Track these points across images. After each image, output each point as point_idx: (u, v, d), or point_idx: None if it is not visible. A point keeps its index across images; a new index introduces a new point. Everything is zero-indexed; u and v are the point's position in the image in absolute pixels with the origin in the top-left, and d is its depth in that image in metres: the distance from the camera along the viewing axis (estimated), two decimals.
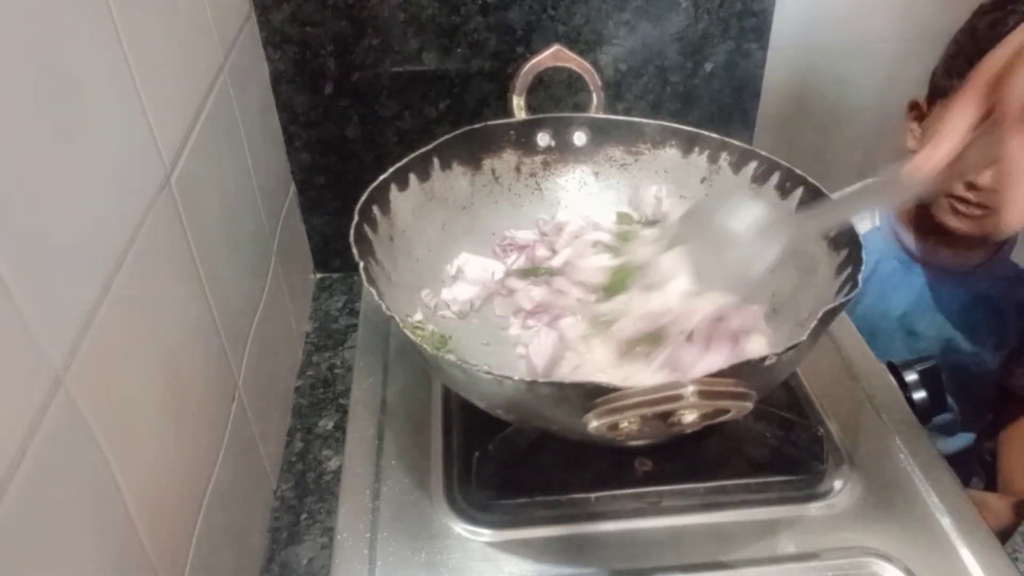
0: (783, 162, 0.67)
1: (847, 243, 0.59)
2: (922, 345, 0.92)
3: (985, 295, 0.91)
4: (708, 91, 0.93)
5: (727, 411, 0.45)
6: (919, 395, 0.70)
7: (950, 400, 0.81)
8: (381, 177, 0.65)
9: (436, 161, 0.69)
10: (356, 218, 0.60)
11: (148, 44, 0.52)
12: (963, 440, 0.97)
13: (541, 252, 0.71)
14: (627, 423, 0.44)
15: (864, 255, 0.57)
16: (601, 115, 0.74)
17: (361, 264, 0.57)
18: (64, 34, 0.42)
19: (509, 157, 0.74)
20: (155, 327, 0.51)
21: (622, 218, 0.74)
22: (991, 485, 0.98)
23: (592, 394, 0.45)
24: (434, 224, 0.70)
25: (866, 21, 0.99)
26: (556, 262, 0.69)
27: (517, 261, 0.71)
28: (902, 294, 0.92)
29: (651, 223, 0.72)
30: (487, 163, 0.73)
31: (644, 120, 0.73)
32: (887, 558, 0.54)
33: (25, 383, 0.36)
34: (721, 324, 0.60)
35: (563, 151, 0.75)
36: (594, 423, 0.44)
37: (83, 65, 0.44)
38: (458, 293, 0.68)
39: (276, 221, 0.84)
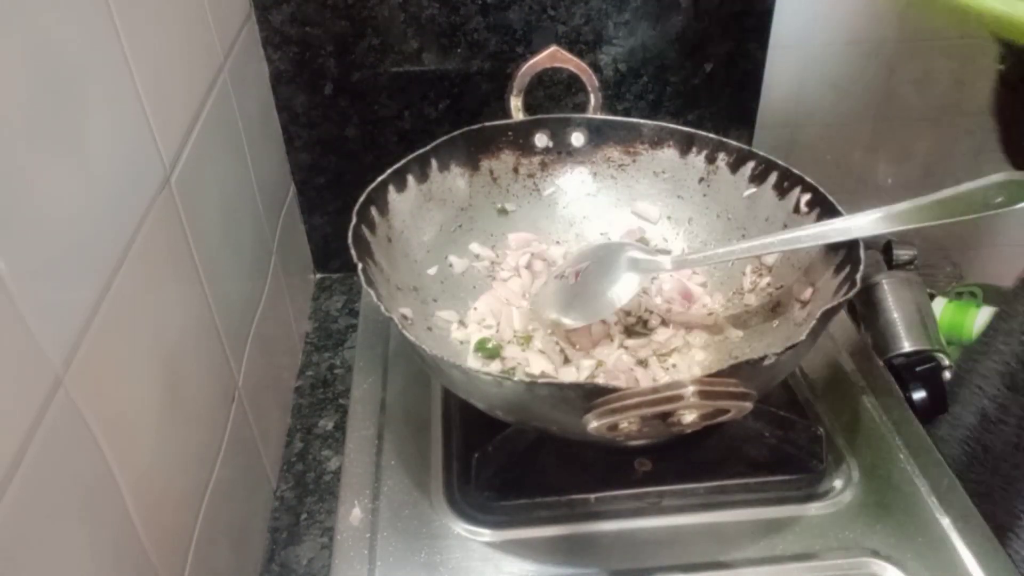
0: (781, 162, 0.67)
1: (845, 243, 0.59)
2: None
3: None
4: (708, 91, 0.93)
5: (727, 411, 0.45)
6: (919, 395, 0.70)
7: None
8: (379, 178, 0.65)
9: (434, 162, 0.69)
10: (354, 219, 0.60)
11: (148, 44, 0.52)
12: None
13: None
14: (627, 423, 0.44)
15: (862, 254, 0.57)
16: (599, 116, 0.74)
17: (360, 266, 0.57)
18: (64, 34, 0.42)
19: (507, 158, 0.74)
20: (155, 327, 0.51)
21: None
22: None
23: (592, 394, 0.45)
24: (432, 225, 0.70)
25: (866, 21, 0.99)
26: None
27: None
28: None
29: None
30: (485, 164, 0.73)
31: (641, 120, 0.73)
32: (887, 558, 0.54)
33: (25, 383, 0.36)
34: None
35: (561, 152, 0.75)
36: (594, 423, 0.45)
37: (83, 65, 0.44)
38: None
39: (276, 221, 0.84)
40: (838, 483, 0.59)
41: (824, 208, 0.63)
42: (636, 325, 0.68)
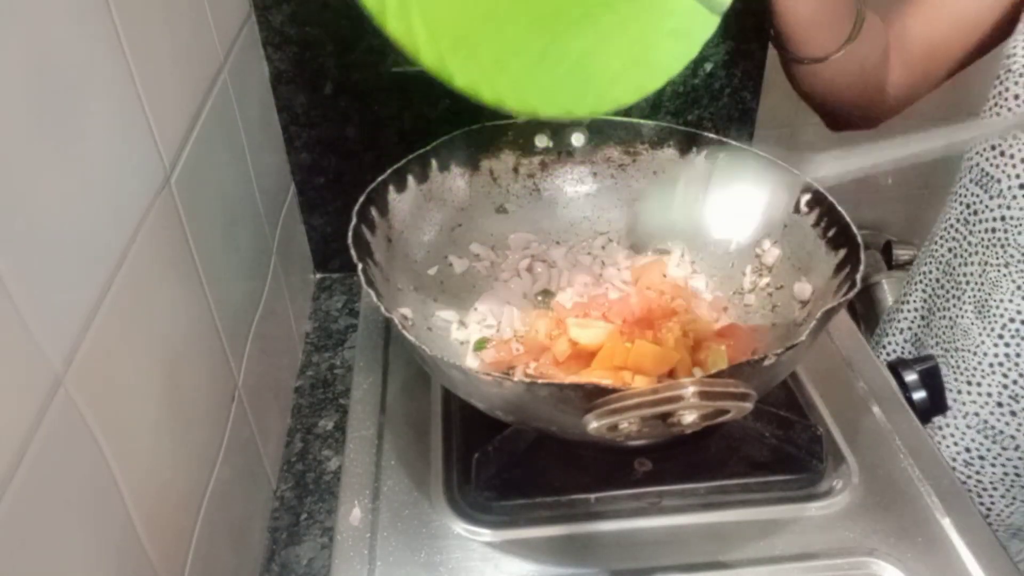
0: (781, 162, 0.67)
1: (845, 243, 0.59)
2: None
3: None
4: (708, 91, 0.93)
5: (727, 411, 0.45)
6: (919, 395, 0.70)
7: None
8: (379, 178, 0.65)
9: (434, 162, 0.69)
10: (354, 220, 0.60)
11: (148, 44, 0.52)
12: None
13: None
14: (627, 424, 0.44)
15: (862, 254, 0.57)
16: (599, 116, 0.74)
17: (360, 266, 0.57)
18: (64, 34, 0.42)
19: (507, 158, 0.74)
20: (155, 327, 0.51)
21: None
22: None
23: (592, 395, 0.45)
24: (432, 225, 0.70)
25: None
26: None
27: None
28: None
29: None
30: (485, 164, 0.73)
31: (641, 121, 0.73)
32: (887, 558, 0.54)
33: (25, 383, 0.36)
34: None
35: (561, 152, 0.75)
36: (594, 424, 0.45)
37: (83, 65, 0.44)
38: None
39: (276, 221, 0.84)
40: (838, 483, 0.59)
41: (824, 208, 0.63)
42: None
